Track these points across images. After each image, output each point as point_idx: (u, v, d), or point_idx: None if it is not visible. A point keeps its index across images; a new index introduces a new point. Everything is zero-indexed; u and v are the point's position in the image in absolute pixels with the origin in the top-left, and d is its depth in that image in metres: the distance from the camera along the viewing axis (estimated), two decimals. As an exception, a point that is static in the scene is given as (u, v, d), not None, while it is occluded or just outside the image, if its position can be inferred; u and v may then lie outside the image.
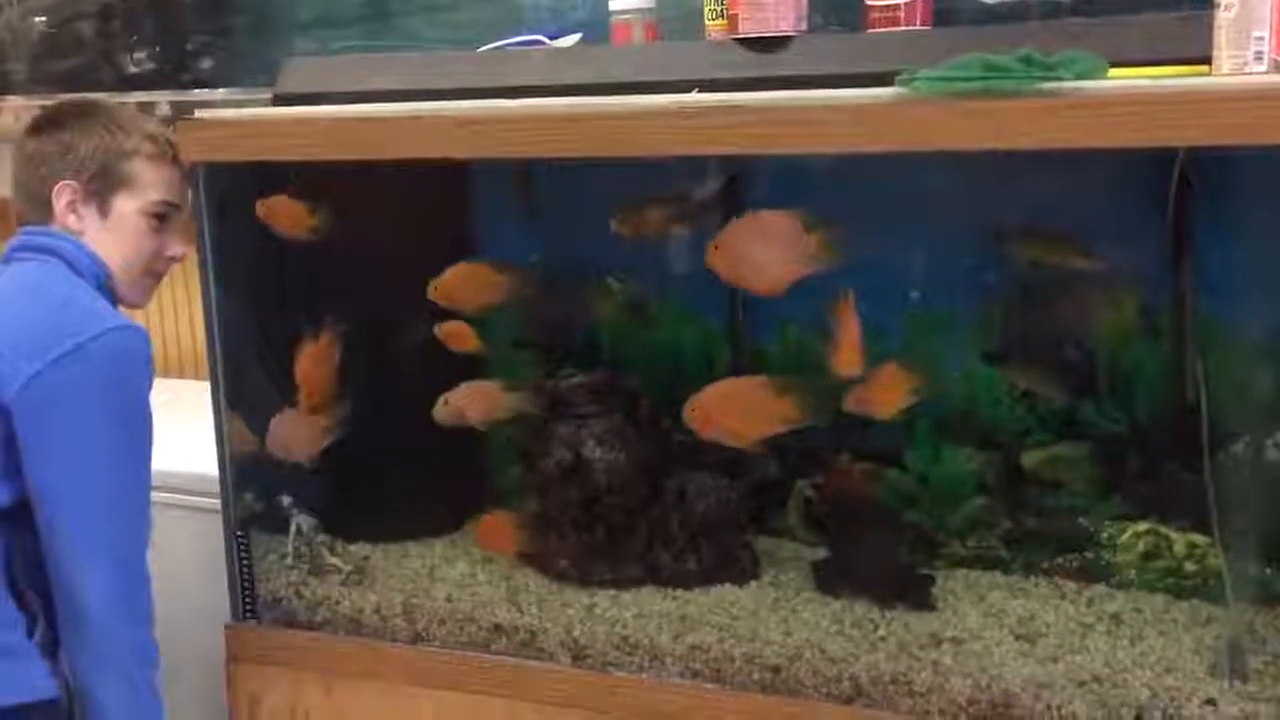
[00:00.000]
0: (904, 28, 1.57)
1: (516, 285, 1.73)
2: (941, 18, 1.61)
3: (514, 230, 1.82)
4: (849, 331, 1.51)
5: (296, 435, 1.79)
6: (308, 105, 1.70)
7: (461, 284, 1.71)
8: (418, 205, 1.74)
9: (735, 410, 1.61)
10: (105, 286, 1.60)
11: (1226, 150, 1.25)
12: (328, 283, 1.75)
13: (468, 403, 1.73)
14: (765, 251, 1.53)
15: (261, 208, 1.71)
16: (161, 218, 1.64)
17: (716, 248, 1.54)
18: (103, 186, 1.61)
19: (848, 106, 1.34)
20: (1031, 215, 1.57)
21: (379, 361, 1.79)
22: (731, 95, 1.41)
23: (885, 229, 1.62)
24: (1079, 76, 1.28)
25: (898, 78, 1.32)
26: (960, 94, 1.28)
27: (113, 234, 1.62)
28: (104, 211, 1.62)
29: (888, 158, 1.34)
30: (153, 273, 1.66)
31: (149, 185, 1.63)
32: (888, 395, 1.56)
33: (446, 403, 1.73)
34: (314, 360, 1.76)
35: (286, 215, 1.71)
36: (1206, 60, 1.31)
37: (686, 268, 1.75)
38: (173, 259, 1.67)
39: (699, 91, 1.47)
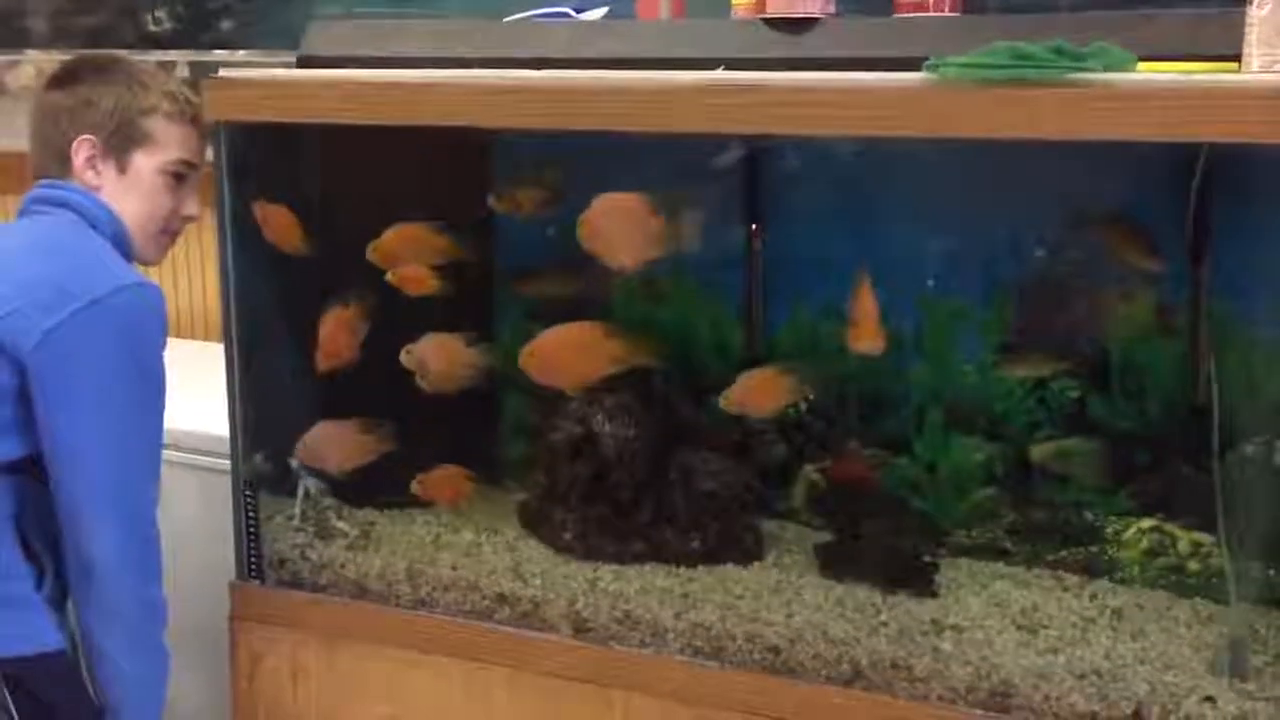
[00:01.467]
0: (933, 13, 1.57)
1: (454, 249, 1.74)
2: (970, 4, 1.60)
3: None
4: (867, 309, 1.52)
5: (335, 449, 1.80)
6: (332, 69, 1.69)
7: (400, 245, 1.73)
8: (436, 179, 1.74)
9: (568, 354, 1.66)
10: (121, 243, 1.61)
11: (1251, 148, 1.25)
12: (347, 253, 1.75)
13: (429, 353, 1.75)
14: (617, 230, 1.56)
15: (259, 210, 1.71)
16: (179, 176, 1.65)
17: (583, 224, 1.57)
18: (122, 143, 1.61)
19: (874, 90, 1.34)
20: (1044, 206, 1.57)
21: (390, 330, 1.79)
22: (757, 75, 1.41)
23: (895, 219, 1.62)
24: (1108, 69, 1.27)
25: (926, 63, 1.31)
26: (988, 82, 1.28)
27: (130, 191, 1.62)
28: (122, 168, 1.62)
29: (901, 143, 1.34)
30: (168, 231, 1.67)
31: (168, 143, 1.63)
32: (763, 399, 1.63)
33: (409, 352, 1.75)
34: (339, 327, 1.76)
35: (278, 225, 1.72)
36: (1236, 58, 1.31)
37: (702, 247, 1.75)
38: (189, 218, 1.68)
39: (724, 70, 1.46)
